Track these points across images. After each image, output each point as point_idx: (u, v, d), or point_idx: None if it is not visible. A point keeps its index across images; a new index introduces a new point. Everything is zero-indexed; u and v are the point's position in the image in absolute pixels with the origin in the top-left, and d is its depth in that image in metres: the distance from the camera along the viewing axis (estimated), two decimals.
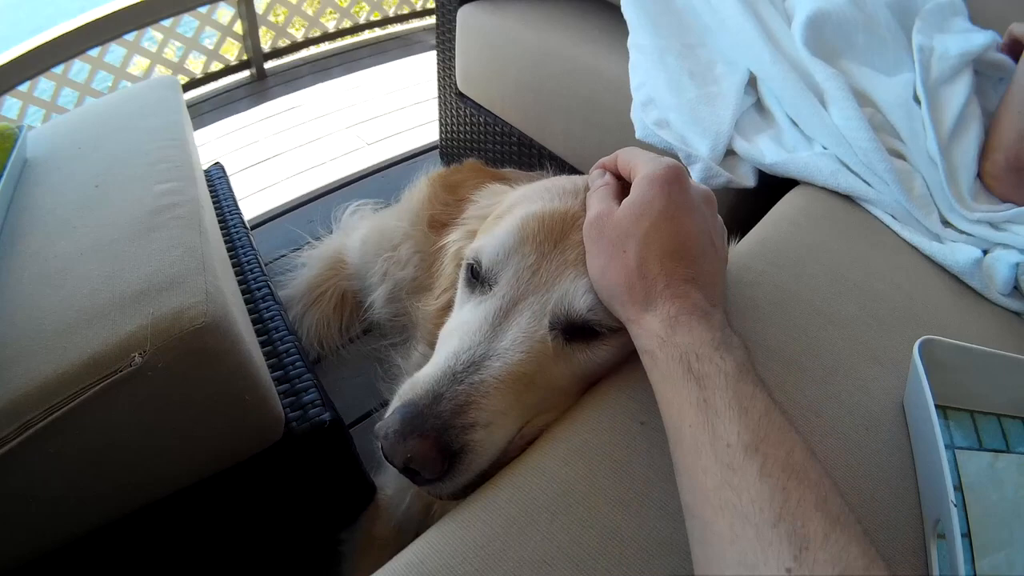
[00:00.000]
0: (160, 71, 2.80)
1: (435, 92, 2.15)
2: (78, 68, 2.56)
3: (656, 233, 0.59)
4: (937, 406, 0.61)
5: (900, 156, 1.02)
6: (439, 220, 1.35)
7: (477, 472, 0.61)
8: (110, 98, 1.51)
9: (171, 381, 0.78)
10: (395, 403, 0.63)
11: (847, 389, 0.69)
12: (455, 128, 2.12)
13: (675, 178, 0.62)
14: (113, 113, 1.35)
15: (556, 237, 0.69)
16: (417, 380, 0.63)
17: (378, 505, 1.19)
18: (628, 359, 0.69)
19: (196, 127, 2.56)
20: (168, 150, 1.15)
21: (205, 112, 2.80)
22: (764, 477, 0.45)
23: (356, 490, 1.18)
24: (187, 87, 2.88)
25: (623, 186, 0.68)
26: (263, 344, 1.17)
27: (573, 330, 0.67)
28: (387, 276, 1.54)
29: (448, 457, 0.58)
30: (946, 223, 0.97)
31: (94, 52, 2.55)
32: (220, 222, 1.47)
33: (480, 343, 0.64)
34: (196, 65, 2.94)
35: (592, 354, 0.68)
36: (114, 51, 2.64)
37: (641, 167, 0.65)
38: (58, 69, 2.47)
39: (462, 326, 0.68)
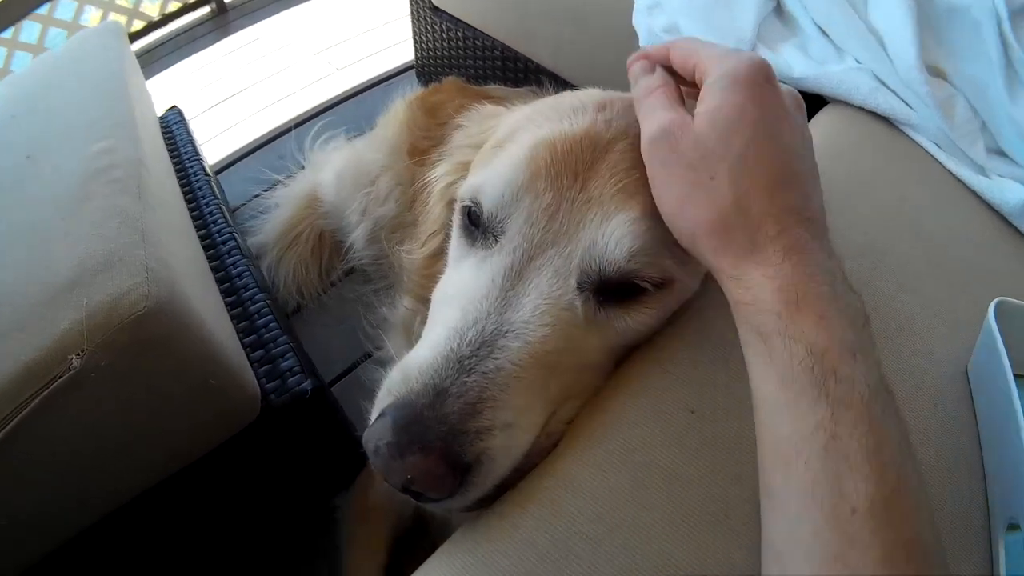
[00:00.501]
0: (115, 19, 2.61)
1: (407, 8, 1.99)
2: (28, 29, 2.40)
3: (755, 154, 0.46)
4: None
5: (940, 75, 0.89)
6: (420, 148, 1.24)
7: (495, 484, 0.50)
8: (49, 55, 1.41)
9: (119, 379, 0.69)
10: (383, 399, 0.51)
11: (912, 353, 0.60)
12: (431, 45, 1.97)
13: (765, 77, 0.48)
14: (52, 71, 1.24)
15: (576, 168, 0.55)
16: (410, 368, 0.50)
17: (371, 471, 1.11)
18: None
19: (157, 71, 2.49)
20: (106, 104, 1.05)
21: (166, 55, 2.66)
22: (886, 561, 0.36)
23: (346, 456, 1.10)
24: (145, 31, 2.73)
25: (680, 90, 0.54)
26: (232, 306, 1.07)
27: (608, 290, 0.54)
28: (366, 214, 1.43)
29: (460, 471, 0.46)
30: (992, 152, 0.85)
31: (43, 10, 2.39)
32: (179, 171, 1.37)
33: (490, 315, 0.51)
34: (152, 8, 2.76)
35: (632, 320, 0.55)
36: (64, 5, 2.47)
37: (715, 63, 0.50)
38: (7, 33, 2.33)
39: (464, 292, 0.55)
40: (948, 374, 0.60)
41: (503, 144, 0.62)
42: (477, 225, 0.58)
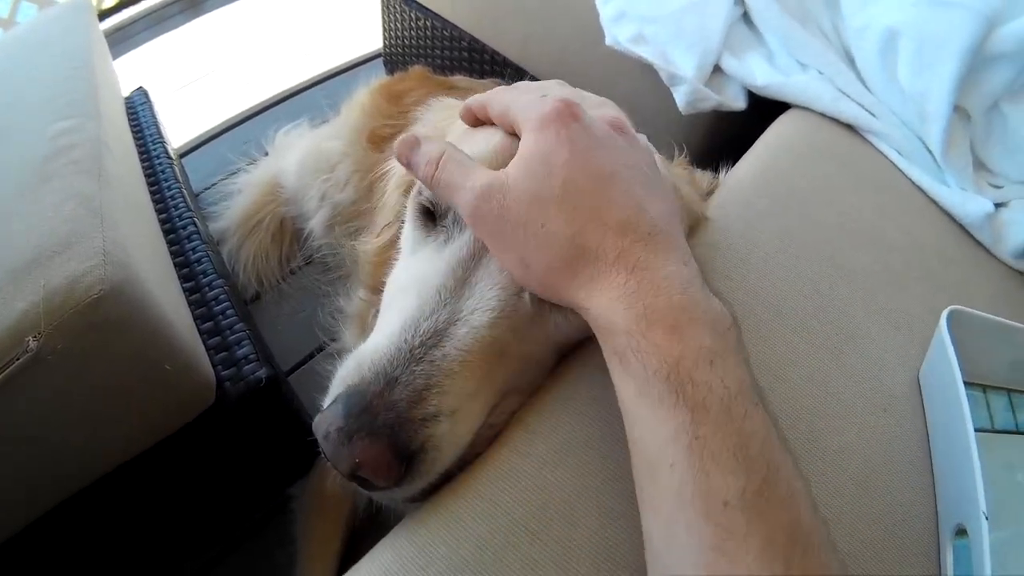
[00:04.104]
0: None
1: None
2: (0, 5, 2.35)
3: (576, 189, 0.47)
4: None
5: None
6: (380, 135, 1.21)
7: (440, 473, 0.50)
8: (15, 32, 1.35)
9: (76, 362, 0.67)
10: (336, 387, 0.51)
11: (863, 360, 0.62)
12: (399, 34, 1.94)
13: (569, 114, 0.49)
14: (17, 48, 1.20)
15: None
16: (363, 357, 0.50)
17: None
18: None
19: (127, 50, 2.41)
20: (69, 81, 1.01)
21: (138, 33, 2.57)
22: (767, 547, 0.36)
23: (301, 446, 1.08)
24: (118, 8, 2.62)
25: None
26: (190, 292, 1.05)
27: None
28: (324, 200, 1.41)
29: (405, 458, 0.46)
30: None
31: None
32: (142, 153, 1.33)
33: (446, 304, 0.51)
34: None
35: (574, 317, 0.54)
36: None
37: (523, 114, 0.51)
38: None
39: (420, 281, 0.54)
40: (900, 380, 0.61)
41: (462, 140, 0.60)
42: (433, 219, 0.58)
